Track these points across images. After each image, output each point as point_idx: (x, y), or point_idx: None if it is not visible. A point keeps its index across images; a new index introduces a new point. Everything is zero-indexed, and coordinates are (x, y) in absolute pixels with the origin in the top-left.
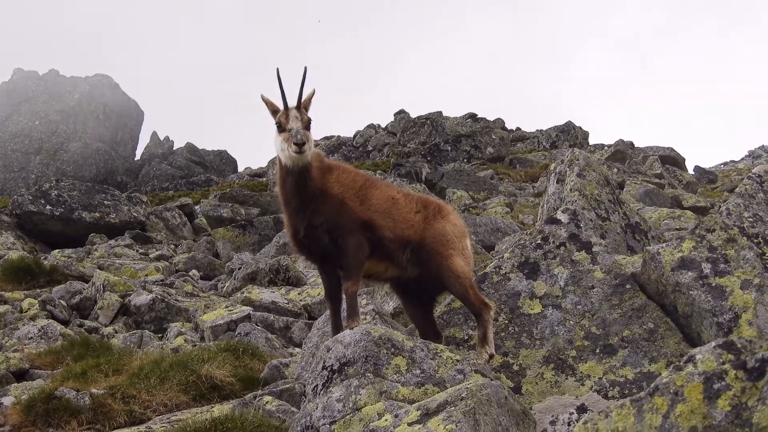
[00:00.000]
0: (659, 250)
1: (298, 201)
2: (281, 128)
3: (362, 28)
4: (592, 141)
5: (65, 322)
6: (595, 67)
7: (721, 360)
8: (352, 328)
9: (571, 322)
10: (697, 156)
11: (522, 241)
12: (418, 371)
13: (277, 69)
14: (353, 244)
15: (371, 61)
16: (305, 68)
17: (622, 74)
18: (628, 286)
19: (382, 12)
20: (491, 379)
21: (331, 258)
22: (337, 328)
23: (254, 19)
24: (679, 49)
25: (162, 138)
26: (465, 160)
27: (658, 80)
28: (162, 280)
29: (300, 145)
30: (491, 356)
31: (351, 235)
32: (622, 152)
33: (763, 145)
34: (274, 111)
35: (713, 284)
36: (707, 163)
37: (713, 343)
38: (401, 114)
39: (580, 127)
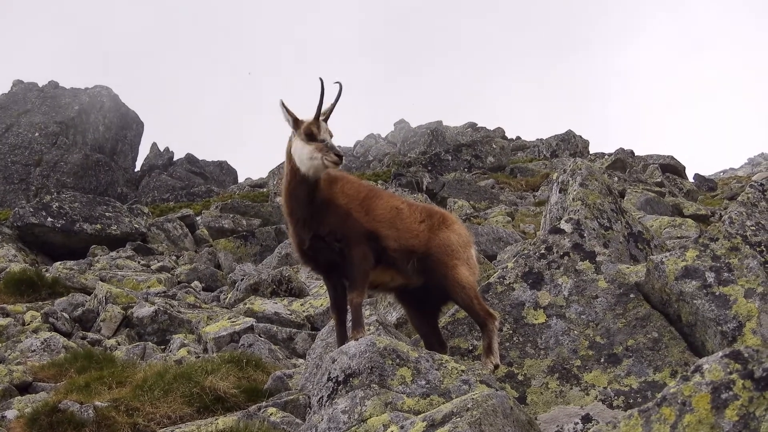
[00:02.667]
0: (663, 260)
1: (305, 211)
2: (312, 138)
3: (363, 36)
4: (592, 149)
5: (68, 335)
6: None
7: (728, 370)
8: (357, 339)
9: (576, 331)
10: (697, 164)
11: (526, 251)
12: (424, 382)
13: (321, 79)
14: (358, 255)
15: (372, 70)
16: (340, 85)
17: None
18: (632, 296)
19: (383, 19)
20: (496, 390)
21: (336, 269)
22: (342, 339)
23: (255, 30)
24: (678, 60)
25: (162, 149)
26: (466, 170)
27: (658, 88)
28: (164, 292)
29: (340, 157)
30: (496, 366)
31: (356, 245)
32: (623, 161)
33: (762, 153)
34: (295, 120)
35: (717, 293)
36: (707, 171)
37: (720, 353)
38: (401, 123)
39: (581, 136)
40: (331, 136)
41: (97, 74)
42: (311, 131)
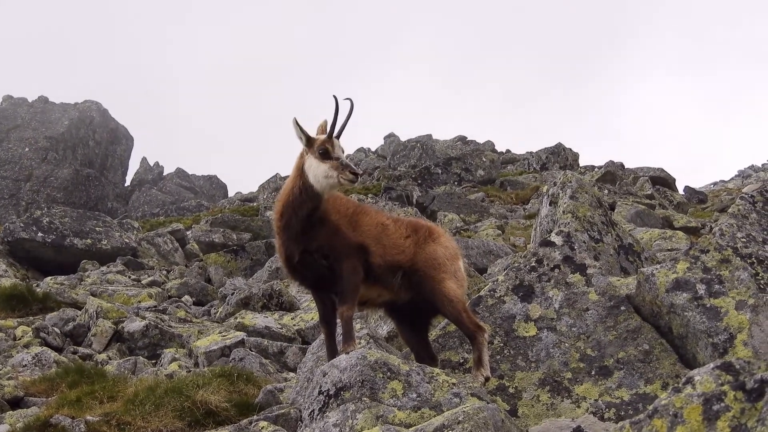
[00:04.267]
0: (654, 272)
1: (301, 227)
2: (326, 155)
3: (353, 48)
4: (582, 162)
5: (59, 350)
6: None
7: (719, 381)
8: (348, 353)
9: (567, 344)
10: (687, 176)
11: (516, 264)
12: (415, 395)
13: (335, 96)
14: (348, 268)
15: (362, 83)
16: (351, 102)
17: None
18: (622, 308)
19: (373, 33)
20: (487, 402)
21: (326, 283)
22: (332, 353)
23: (243, 41)
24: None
25: (152, 163)
26: (455, 183)
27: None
28: (155, 306)
29: (357, 175)
30: (487, 379)
31: (347, 259)
32: (613, 173)
33: (752, 165)
34: (308, 137)
35: (708, 305)
36: (697, 183)
37: (712, 365)
38: (391, 137)
39: (570, 149)
40: (343, 152)
41: (88, 89)
42: (326, 149)
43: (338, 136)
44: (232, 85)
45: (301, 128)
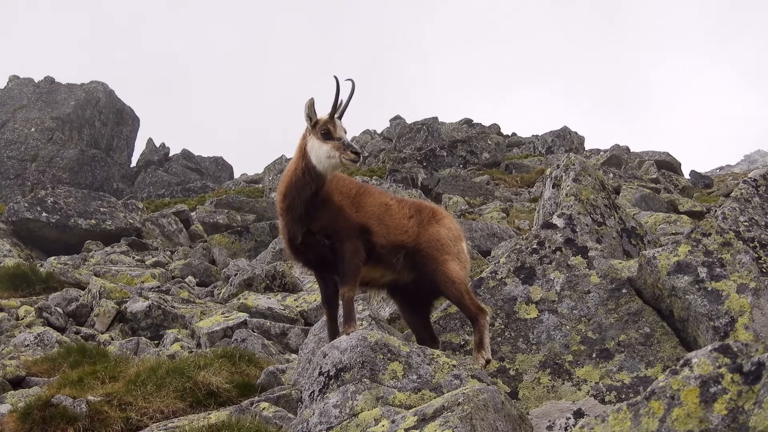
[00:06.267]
0: (655, 255)
1: (304, 208)
2: (328, 136)
3: (357, 32)
4: (587, 146)
5: (61, 330)
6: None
7: (717, 363)
8: (349, 334)
9: (568, 326)
10: (693, 160)
11: (518, 246)
12: (415, 377)
13: (336, 77)
14: (350, 249)
15: (370, 66)
16: (353, 82)
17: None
18: (624, 291)
19: (378, 16)
20: (488, 384)
21: (328, 264)
22: (333, 334)
23: (249, 25)
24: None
25: (158, 144)
26: (461, 166)
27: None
28: (158, 287)
29: (358, 155)
30: (488, 361)
31: (348, 240)
32: (618, 157)
33: (759, 150)
34: (310, 117)
35: (709, 288)
36: (703, 168)
37: (709, 347)
38: (397, 120)
39: (576, 132)
40: (345, 133)
41: (94, 69)
42: (328, 129)
43: (340, 117)
44: (239, 64)
45: (313, 109)
